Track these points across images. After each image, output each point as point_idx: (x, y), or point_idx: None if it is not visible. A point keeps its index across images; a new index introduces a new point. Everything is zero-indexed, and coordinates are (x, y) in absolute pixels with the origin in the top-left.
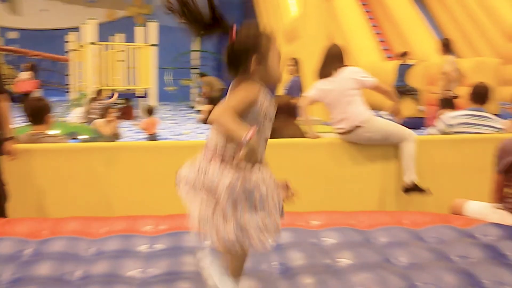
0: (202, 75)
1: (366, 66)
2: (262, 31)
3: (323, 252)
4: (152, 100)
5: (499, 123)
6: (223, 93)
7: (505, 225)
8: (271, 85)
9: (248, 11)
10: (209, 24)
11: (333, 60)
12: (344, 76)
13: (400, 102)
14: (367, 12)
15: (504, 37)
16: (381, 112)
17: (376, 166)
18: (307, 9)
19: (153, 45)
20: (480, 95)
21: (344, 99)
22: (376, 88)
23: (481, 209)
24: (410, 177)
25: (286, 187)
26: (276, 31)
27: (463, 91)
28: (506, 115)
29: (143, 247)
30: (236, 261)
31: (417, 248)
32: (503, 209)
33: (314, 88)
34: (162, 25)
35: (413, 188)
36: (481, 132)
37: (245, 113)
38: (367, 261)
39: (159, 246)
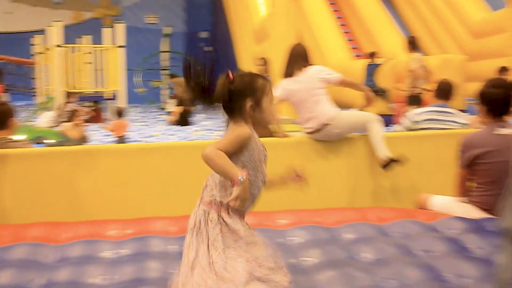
0: (172, 76)
1: (335, 65)
2: (257, 76)
3: (290, 251)
4: (121, 102)
5: (464, 118)
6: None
7: (468, 218)
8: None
9: (217, 11)
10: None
11: (297, 60)
12: (310, 75)
13: (369, 90)
14: (335, 11)
15: (469, 34)
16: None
17: (345, 163)
18: (276, 9)
19: (120, 46)
20: (444, 92)
21: (311, 99)
22: (342, 83)
23: (446, 203)
24: (383, 153)
25: (298, 176)
26: (245, 31)
27: (430, 88)
28: (472, 110)
29: (107, 253)
30: None
31: (382, 244)
32: (467, 203)
33: (280, 87)
34: (131, 26)
35: (389, 162)
36: (446, 127)
37: (237, 155)
38: (332, 258)
39: (124, 251)
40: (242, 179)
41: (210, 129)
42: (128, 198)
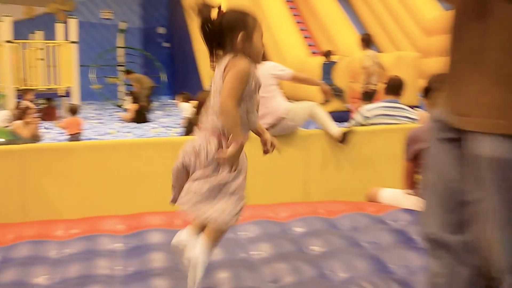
0: (127, 72)
1: (293, 61)
2: (248, 13)
3: (240, 246)
4: (75, 99)
5: (414, 113)
6: (152, 91)
7: (415, 210)
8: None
9: (174, 6)
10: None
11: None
12: (263, 72)
13: (323, 84)
14: (292, 9)
15: (422, 32)
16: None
17: (299, 158)
18: (231, 5)
19: (73, 42)
20: (394, 88)
21: (266, 95)
22: (295, 79)
23: (394, 196)
24: (336, 130)
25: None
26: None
27: (384, 84)
28: (424, 106)
29: (53, 253)
30: (220, 235)
31: (331, 236)
32: (414, 195)
33: None
34: (85, 22)
35: (343, 137)
36: (396, 122)
37: (243, 90)
38: (282, 252)
39: (70, 250)
40: (242, 143)
41: (168, 126)
42: (79, 197)
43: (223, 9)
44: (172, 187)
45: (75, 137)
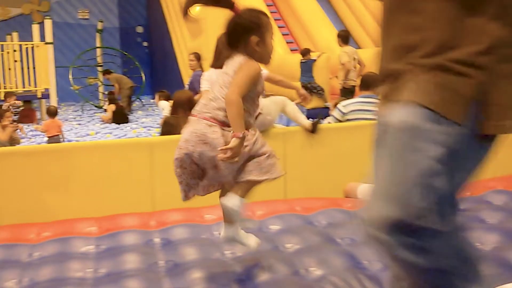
0: (106, 72)
1: (272, 59)
2: (262, 12)
3: (214, 246)
4: (53, 100)
5: None
6: (133, 91)
7: None
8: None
9: (152, 5)
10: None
11: (223, 51)
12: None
13: (299, 88)
14: (269, 6)
15: None
16: None
17: (277, 155)
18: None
19: (48, 43)
20: (367, 83)
21: None
22: (269, 80)
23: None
24: (306, 121)
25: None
26: (181, 25)
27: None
28: None
29: (25, 256)
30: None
31: (306, 233)
32: None
33: (206, 79)
34: (62, 22)
35: (313, 127)
36: (373, 117)
37: (249, 90)
38: (257, 250)
39: (42, 253)
40: (242, 136)
41: (149, 126)
42: (52, 200)
43: (238, 7)
44: (179, 183)
45: (54, 139)
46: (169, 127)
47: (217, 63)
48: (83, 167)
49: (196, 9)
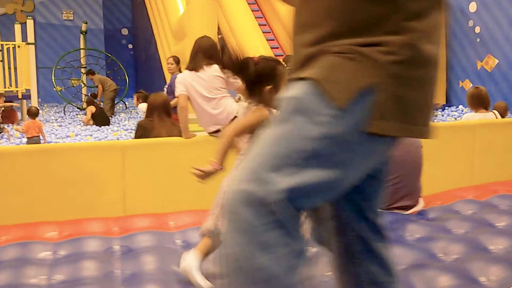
0: (90, 72)
1: None
2: (278, 62)
3: (175, 255)
4: (34, 101)
5: None
6: (116, 93)
7: None
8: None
9: (137, 7)
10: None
11: (198, 53)
12: (211, 73)
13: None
14: (255, 11)
15: None
16: None
17: None
18: (191, 7)
19: (29, 43)
20: None
21: (218, 95)
22: (239, 90)
23: None
24: None
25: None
26: (165, 28)
27: None
28: None
29: None
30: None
31: None
32: None
33: (180, 83)
34: (46, 23)
35: None
36: None
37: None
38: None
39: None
40: (218, 168)
41: (130, 129)
42: (19, 203)
43: (255, 58)
44: None
45: (33, 140)
46: (143, 131)
47: (190, 65)
48: (52, 170)
49: (179, 12)
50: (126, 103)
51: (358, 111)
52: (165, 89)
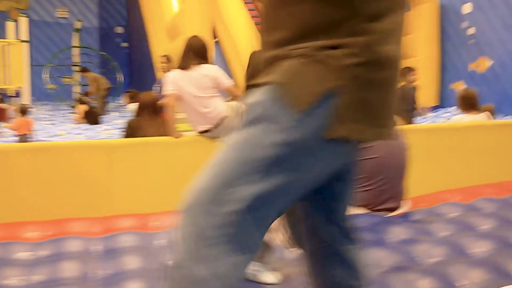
0: (83, 70)
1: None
2: None
3: (155, 255)
4: (26, 99)
5: None
6: (109, 92)
7: None
8: None
9: (132, 6)
10: None
11: (189, 53)
12: (207, 73)
13: None
14: (251, 10)
15: None
16: None
17: None
18: (186, 5)
19: (23, 41)
20: None
21: (208, 95)
22: (229, 91)
23: None
24: None
25: None
26: (159, 27)
27: None
28: None
29: None
30: None
31: None
32: None
33: (170, 82)
34: (40, 20)
35: None
36: None
37: None
38: None
39: None
40: None
41: (122, 127)
42: (3, 202)
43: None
44: None
45: (24, 138)
46: (132, 130)
47: (181, 64)
48: (37, 169)
49: (174, 10)
50: (120, 102)
51: (321, 115)
52: (157, 88)
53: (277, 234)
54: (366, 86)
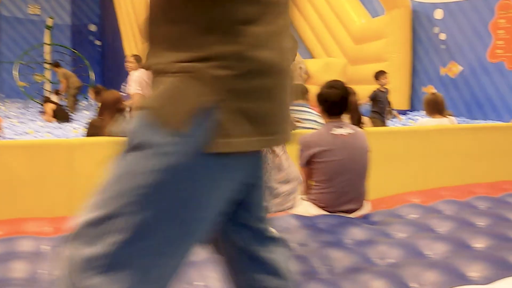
0: (55, 65)
1: None
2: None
3: None
4: None
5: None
6: (80, 90)
7: (302, 215)
8: None
9: (105, 3)
10: None
11: None
12: None
13: None
14: None
15: (351, 39)
16: None
17: None
18: None
19: None
20: (299, 92)
21: None
22: None
23: None
24: None
25: None
26: (133, 25)
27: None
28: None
29: None
30: None
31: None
32: (307, 200)
33: (135, 81)
34: (11, 17)
35: None
36: (305, 126)
37: None
38: None
39: None
40: None
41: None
42: None
43: None
44: None
45: None
46: (94, 129)
47: (146, 64)
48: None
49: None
50: (91, 101)
51: (200, 132)
52: (123, 86)
53: None
54: (245, 96)
